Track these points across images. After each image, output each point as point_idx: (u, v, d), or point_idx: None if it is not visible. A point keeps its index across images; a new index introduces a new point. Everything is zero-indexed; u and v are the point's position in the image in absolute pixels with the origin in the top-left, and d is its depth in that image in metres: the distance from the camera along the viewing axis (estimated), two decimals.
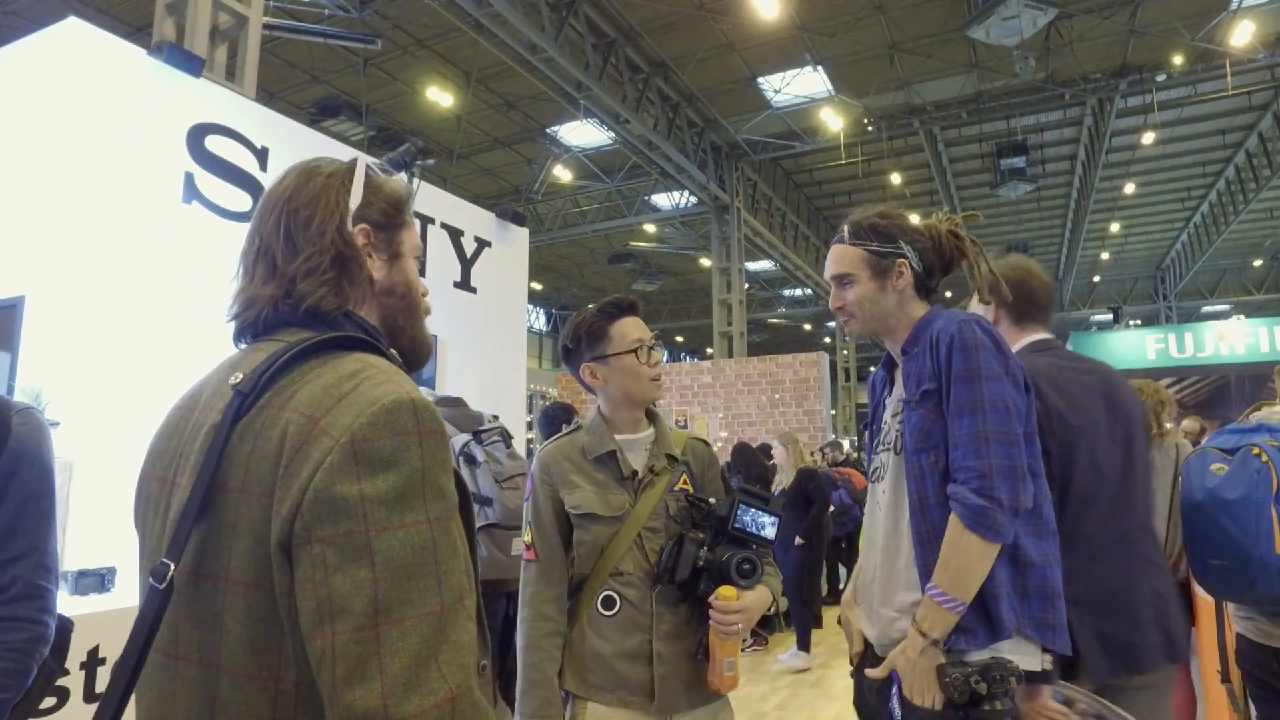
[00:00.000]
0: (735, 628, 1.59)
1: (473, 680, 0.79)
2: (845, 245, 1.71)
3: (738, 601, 1.59)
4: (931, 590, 1.46)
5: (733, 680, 1.62)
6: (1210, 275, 22.08)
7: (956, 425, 1.49)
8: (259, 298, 0.94)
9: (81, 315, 3.27)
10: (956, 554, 1.45)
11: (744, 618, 1.60)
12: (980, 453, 1.45)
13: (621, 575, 1.66)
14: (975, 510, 1.43)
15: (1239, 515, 2.00)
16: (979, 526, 1.43)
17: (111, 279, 3.39)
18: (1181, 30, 10.07)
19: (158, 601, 0.80)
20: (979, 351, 1.51)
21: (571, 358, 1.80)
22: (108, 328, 3.33)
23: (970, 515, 1.43)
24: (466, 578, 0.83)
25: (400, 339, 1.02)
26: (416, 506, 0.79)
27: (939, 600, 1.45)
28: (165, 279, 3.50)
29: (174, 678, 0.84)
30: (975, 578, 1.45)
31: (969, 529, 1.43)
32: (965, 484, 1.45)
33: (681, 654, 1.65)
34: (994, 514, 1.43)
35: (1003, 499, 1.43)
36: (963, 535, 1.44)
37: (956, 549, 1.45)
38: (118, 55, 3.60)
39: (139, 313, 3.43)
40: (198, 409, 0.92)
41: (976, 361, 1.50)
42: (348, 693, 0.73)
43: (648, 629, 1.64)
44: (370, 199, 0.99)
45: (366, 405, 0.80)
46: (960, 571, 1.45)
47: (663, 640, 1.64)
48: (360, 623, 0.74)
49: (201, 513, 0.83)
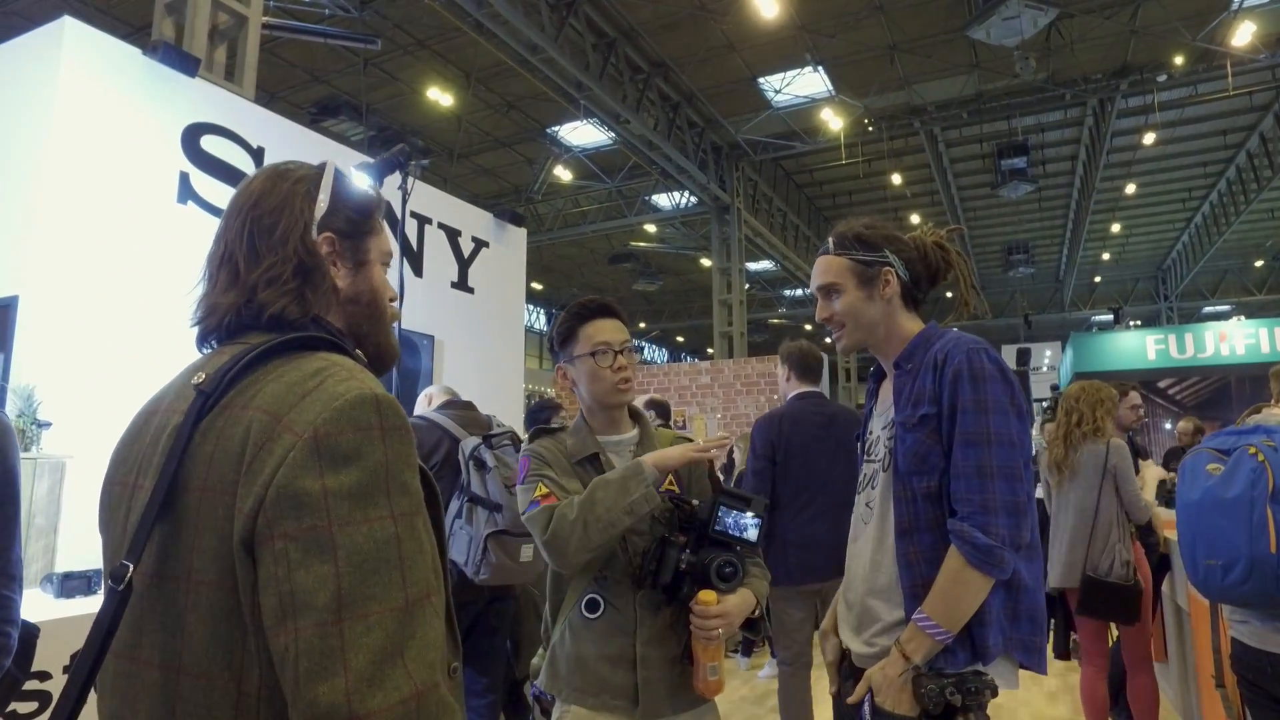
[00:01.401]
0: (715, 632, 1.57)
1: (439, 677, 0.79)
2: (830, 255, 1.70)
3: (717, 606, 1.57)
4: (920, 618, 1.46)
5: (717, 685, 1.60)
6: (1211, 276, 22.04)
7: (962, 455, 1.48)
8: (220, 305, 0.93)
9: (75, 315, 3.27)
10: (954, 587, 1.45)
11: (724, 622, 1.58)
12: (985, 488, 1.45)
13: (605, 578, 1.64)
14: (981, 549, 1.42)
15: (1235, 514, 2.00)
16: (984, 564, 1.43)
17: (106, 279, 3.39)
18: (1182, 30, 10.05)
19: (115, 603, 0.80)
20: (988, 383, 1.50)
21: (555, 357, 1.82)
22: (101, 327, 3.33)
23: (976, 554, 1.43)
24: (434, 576, 0.83)
25: (365, 345, 1.01)
26: (380, 501, 0.79)
27: (927, 629, 1.45)
28: (159, 279, 3.50)
29: (134, 682, 0.84)
30: (968, 610, 1.45)
31: (972, 566, 1.43)
32: (969, 519, 1.45)
33: (665, 658, 1.63)
34: (999, 552, 1.42)
35: (1006, 536, 1.43)
36: (964, 570, 1.44)
37: (955, 582, 1.45)
38: (113, 55, 3.60)
39: (133, 312, 3.43)
40: (160, 412, 0.92)
41: (985, 394, 1.49)
42: (310, 689, 0.72)
43: (631, 633, 1.62)
44: (337, 206, 0.99)
45: (329, 401, 0.80)
46: (955, 604, 1.45)
47: (646, 644, 1.62)
48: (323, 618, 0.73)
49: (163, 513, 0.82)
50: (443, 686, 0.79)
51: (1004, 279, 21.67)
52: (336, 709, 0.71)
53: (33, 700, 1.97)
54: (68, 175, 3.31)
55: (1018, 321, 22.06)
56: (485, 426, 2.98)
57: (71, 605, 2.57)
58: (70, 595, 2.64)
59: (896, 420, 1.60)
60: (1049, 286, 23.58)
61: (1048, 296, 24.24)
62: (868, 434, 1.75)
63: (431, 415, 2.94)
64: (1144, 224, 18.95)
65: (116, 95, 3.55)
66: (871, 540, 1.63)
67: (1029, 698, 4.62)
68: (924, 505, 1.52)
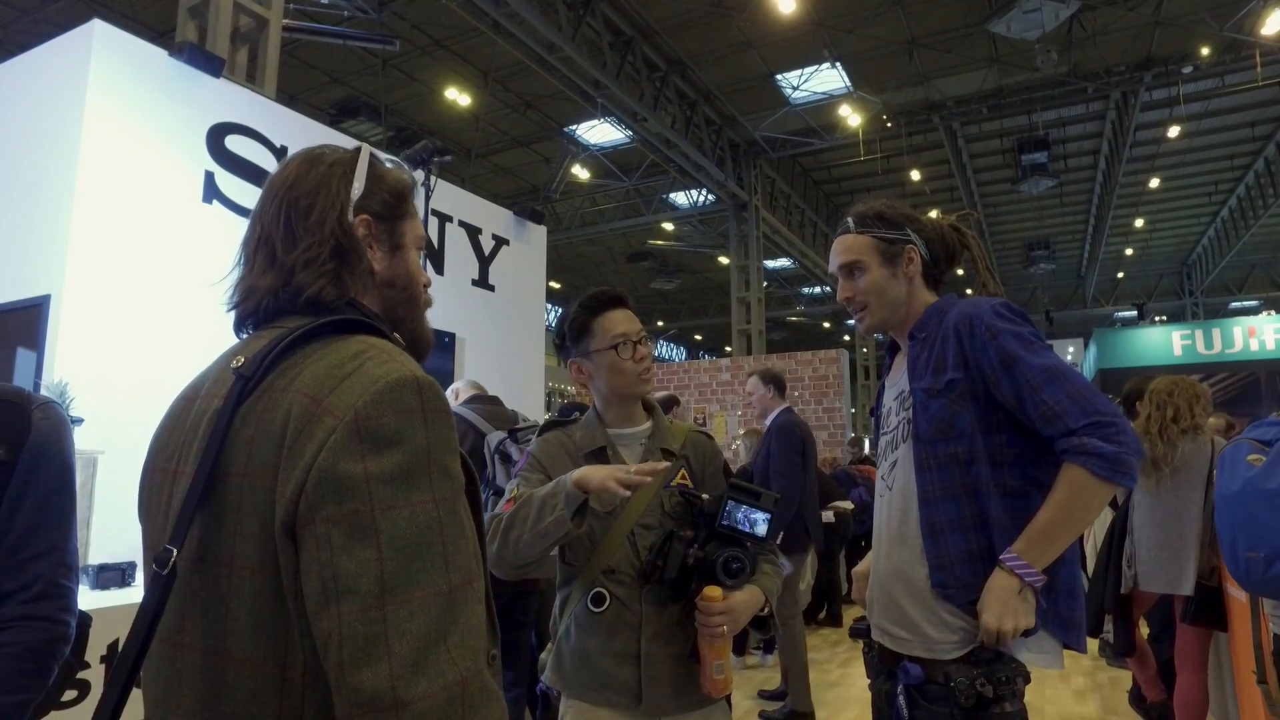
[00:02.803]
0: (719, 630, 1.53)
1: (483, 663, 0.78)
2: (852, 234, 1.68)
3: (722, 603, 1.52)
4: (1010, 558, 1.41)
5: (723, 684, 1.57)
6: (1238, 270, 21.70)
7: (1044, 396, 1.43)
8: (258, 287, 0.93)
9: (105, 313, 3.31)
10: (1070, 509, 1.40)
11: (728, 619, 1.53)
12: (1089, 409, 1.40)
13: (613, 573, 1.61)
14: (1110, 458, 1.37)
15: (1278, 505, 1.97)
16: (1115, 474, 1.37)
17: (135, 278, 3.43)
18: (1209, 20, 9.90)
19: (161, 588, 0.79)
20: (1024, 330, 1.49)
21: (562, 354, 1.77)
22: (131, 325, 3.37)
23: (1104, 465, 1.37)
24: (475, 561, 0.82)
25: (401, 331, 1.00)
26: (422, 485, 0.78)
27: (1017, 569, 1.40)
28: (186, 277, 3.54)
29: (179, 668, 0.83)
30: (1072, 535, 1.42)
31: (1100, 479, 1.38)
32: (1090, 436, 1.39)
33: (670, 655, 1.60)
34: (1128, 459, 1.38)
35: (1133, 442, 1.39)
36: (1087, 487, 1.39)
37: (1073, 502, 1.39)
38: (140, 56, 3.64)
39: (161, 310, 3.47)
40: (200, 398, 0.91)
41: (1029, 338, 1.48)
42: (355, 674, 0.71)
43: (636, 628, 1.59)
44: (372, 189, 0.98)
45: (370, 384, 0.79)
46: (1064, 530, 1.41)
47: (650, 641, 1.58)
48: (367, 603, 0.72)
49: (204, 498, 0.82)
50: (485, 673, 0.78)
51: (1025, 275, 21.46)
52: (381, 695, 0.71)
53: (72, 689, 2.00)
54: (98, 176, 3.36)
55: (1039, 318, 21.82)
56: (510, 421, 2.99)
57: (107, 596, 2.61)
58: (105, 587, 2.68)
59: (917, 388, 1.57)
60: (1070, 283, 23.32)
61: (1069, 293, 23.98)
62: (882, 408, 1.74)
63: (457, 409, 2.95)
64: (1168, 218, 18.69)
65: (144, 96, 3.59)
66: (891, 512, 1.61)
67: (1057, 695, 4.57)
68: (947, 473, 1.50)
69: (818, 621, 6.84)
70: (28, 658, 1.20)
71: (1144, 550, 3.28)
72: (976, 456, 1.49)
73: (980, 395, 1.50)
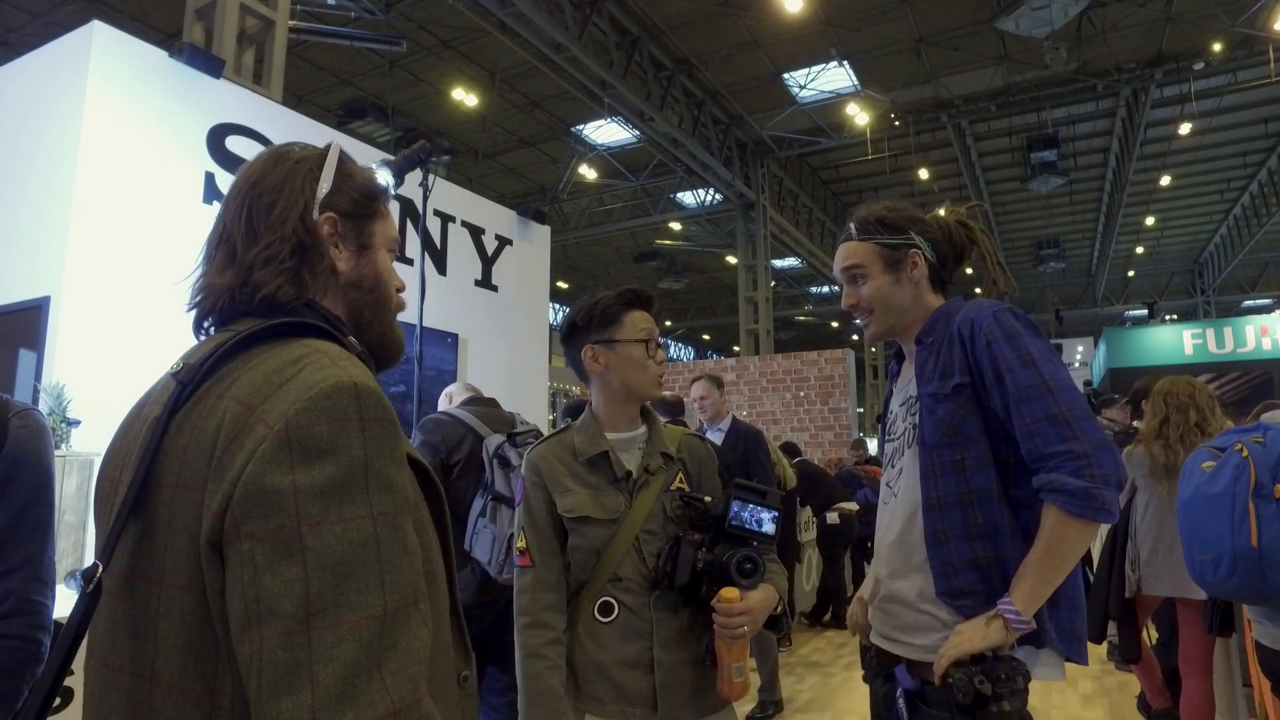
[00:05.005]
0: (740, 630, 1.51)
1: (422, 692, 0.73)
2: (854, 241, 1.65)
3: (741, 603, 1.51)
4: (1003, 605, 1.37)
5: (742, 686, 1.55)
6: (1251, 269, 21.50)
7: (1027, 411, 1.39)
8: (215, 286, 0.89)
9: (105, 315, 3.32)
10: (1051, 552, 1.36)
11: (749, 619, 1.52)
12: (1065, 435, 1.36)
13: (620, 581, 1.58)
14: (1077, 493, 1.33)
15: (1219, 509, 2.07)
16: (1085, 510, 1.33)
17: (134, 279, 3.43)
18: (1221, 16, 9.80)
19: (84, 605, 0.75)
20: (1023, 337, 1.45)
21: (575, 336, 1.71)
22: (130, 327, 3.37)
23: (1072, 502, 1.33)
24: (433, 580, 0.78)
25: (368, 335, 0.96)
26: (357, 499, 0.72)
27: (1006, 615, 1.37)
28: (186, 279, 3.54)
29: (110, 689, 0.79)
30: (1061, 577, 1.38)
31: (1075, 516, 1.33)
32: (1058, 469, 1.35)
33: (683, 661, 1.58)
34: (1100, 493, 1.33)
35: (1108, 474, 1.34)
36: (1060, 525, 1.34)
37: (1053, 544, 1.35)
38: (140, 57, 3.64)
39: (160, 312, 3.47)
40: (148, 404, 0.88)
41: (1025, 347, 1.44)
42: (273, 704, 0.66)
43: (647, 635, 1.56)
44: (340, 187, 0.94)
45: (304, 390, 0.75)
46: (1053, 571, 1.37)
47: (663, 647, 1.56)
48: (289, 626, 0.67)
49: (136, 511, 0.78)
50: (426, 702, 0.72)
51: (1034, 274, 21.32)
52: None
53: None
54: (98, 177, 3.36)
55: (1048, 317, 21.67)
56: (509, 424, 2.96)
57: None
58: None
59: (923, 393, 1.54)
60: (1080, 281, 23.16)
61: (1079, 291, 23.82)
62: (888, 414, 1.71)
63: (455, 412, 2.93)
64: (1180, 216, 18.54)
65: (144, 97, 3.60)
66: (895, 519, 1.59)
67: (1063, 701, 4.52)
68: (952, 479, 1.47)
69: (822, 624, 6.80)
70: None
71: (1147, 553, 3.24)
72: (982, 463, 1.46)
73: (986, 402, 1.48)
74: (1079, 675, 5.01)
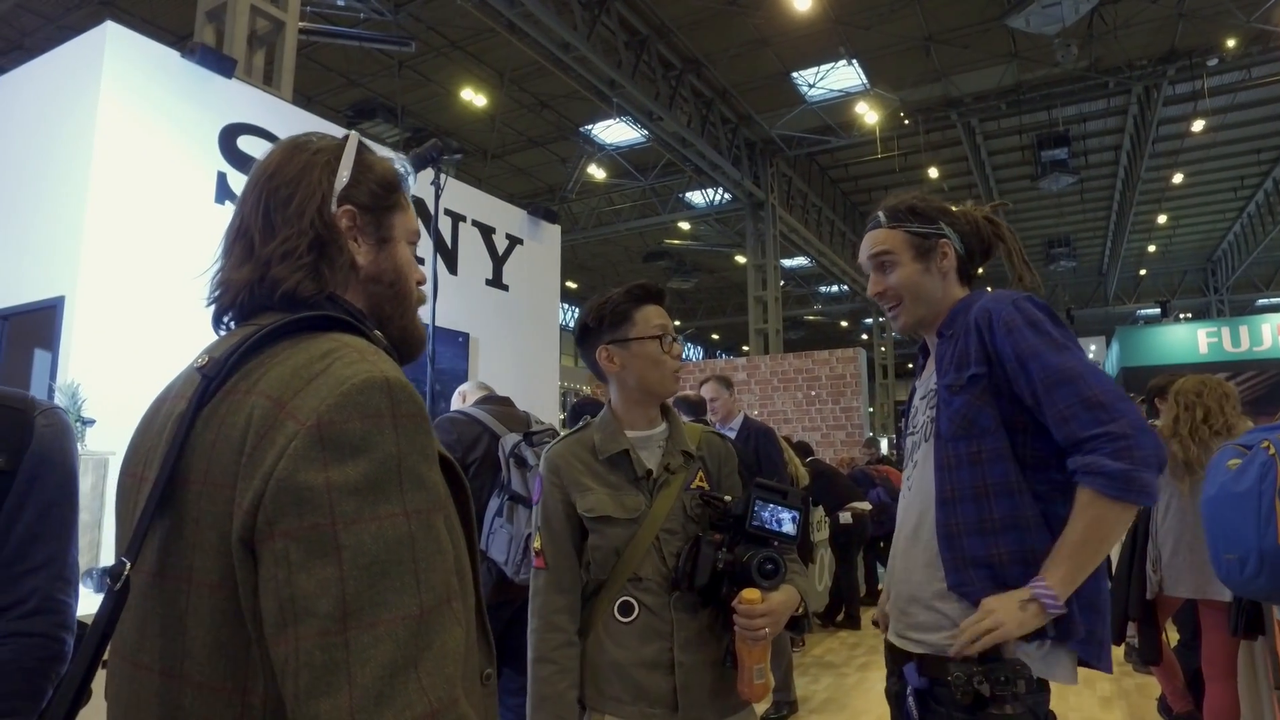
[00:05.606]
0: (762, 632, 1.49)
1: (458, 692, 0.71)
2: (883, 229, 1.62)
3: (763, 604, 1.48)
4: (1037, 585, 1.34)
5: (763, 688, 1.52)
6: (1265, 267, 21.32)
7: (1055, 397, 1.36)
8: (234, 281, 0.88)
9: (118, 314, 3.32)
10: (1088, 535, 1.32)
11: (770, 621, 1.49)
12: (1102, 418, 1.32)
13: (640, 581, 1.56)
14: (1118, 476, 1.29)
15: (1245, 507, 2.04)
16: (1128, 492, 1.29)
17: (148, 279, 3.44)
18: (1234, 12, 9.71)
19: (112, 603, 0.74)
20: (1046, 324, 1.43)
21: (588, 338, 1.69)
22: (144, 326, 3.38)
23: (1114, 484, 1.29)
24: (458, 578, 0.76)
25: (388, 329, 0.94)
26: (391, 497, 0.71)
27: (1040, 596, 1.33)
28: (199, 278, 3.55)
29: (139, 688, 0.78)
30: (1100, 557, 1.35)
31: (1114, 499, 1.30)
32: (1097, 452, 1.31)
33: (704, 662, 1.56)
34: (1140, 475, 1.29)
35: (1148, 455, 1.30)
36: (1104, 507, 1.31)
37: (1090, 528, 1.32)
38: (152, 58, 3.65)
39: (174, 311, 3.47)
40: (169, 399, 0.87)
41: (1049, 333, 1.41)
42: (312, 705, 0.66)
43: (668, 636, 1.55)
44: (359, 179, 0.92)
45: (335, 385, 0.73)
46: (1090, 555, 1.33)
47: (683, 648, 1.54)
48: (326, 626, 0.66)
49: (162, 507, 0.77)
50: (462, 703, 0.71)
51: (1045, 273, 21.18)
52: None
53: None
54: (111, 177, 3.37)
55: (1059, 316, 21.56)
56: (524, 423, 2.94)
57: None
58: None
59: (941, 385, 1.52)
60: (1092, 280, 23.02)
61: (1090, 290, 23.67)
62: (911, 409, 1.69)
63: (471, 410, 2.91)
64: (1192, 214, 18.40)
65: (157, 97, 3.60)
66: (909, 514, 1.57)
67: (1081, 703, 4.48)
68: (968, 472, 1.44)
69: (836, 624, 6.77)
70: (19, 677, 1.15)
71: (1169, 553, 3.20)
72: (999, 455, 1.43)
73: (1004, 392, 1.45)
74: (1097, 677, 4.97)
